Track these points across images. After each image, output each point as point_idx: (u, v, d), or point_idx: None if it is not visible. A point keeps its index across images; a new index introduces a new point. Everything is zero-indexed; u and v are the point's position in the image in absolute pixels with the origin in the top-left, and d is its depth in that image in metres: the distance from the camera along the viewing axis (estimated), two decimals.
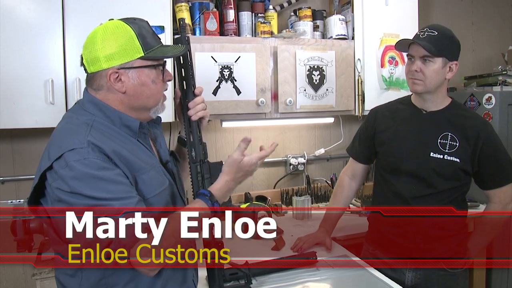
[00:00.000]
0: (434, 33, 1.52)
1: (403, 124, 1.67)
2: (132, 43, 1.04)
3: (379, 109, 1.80)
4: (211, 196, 1.09)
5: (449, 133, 1.57)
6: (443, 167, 1.56)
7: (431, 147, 1.58)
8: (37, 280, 1.65)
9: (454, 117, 1.59)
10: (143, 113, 1.13)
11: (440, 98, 1.61)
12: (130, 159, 1.03)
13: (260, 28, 2.19)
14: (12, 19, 1.70)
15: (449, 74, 1.57)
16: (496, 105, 2.48)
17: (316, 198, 2.57)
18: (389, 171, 1.69)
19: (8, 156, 2.10)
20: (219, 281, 1.23)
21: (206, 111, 1.26)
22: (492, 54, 3.23)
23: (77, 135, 1.00)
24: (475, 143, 1.54)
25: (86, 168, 0.95)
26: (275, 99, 2.19)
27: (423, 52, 1.51)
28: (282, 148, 2.67)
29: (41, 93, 1.75)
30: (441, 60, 1.53)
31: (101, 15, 1.77)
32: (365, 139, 1.80)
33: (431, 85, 1.55)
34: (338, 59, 2.30)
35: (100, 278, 1.03)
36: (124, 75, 1.05)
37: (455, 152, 1.55)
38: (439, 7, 3.09)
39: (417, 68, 1.54)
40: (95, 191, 0.94)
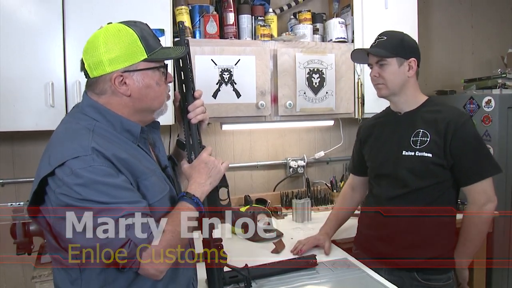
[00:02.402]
0: (383, 38, 1.59)
1: (381, 130, 1.72)
2: (135, 45, 1.04)
3: (364, 123, 1.88)
4: (187, 193, 1.11)
5: (421, 130, 1.57)
6: (415, 164, 1.56)
7: (404, 146, 1.60)
8: (36, 283, 1.64)
9: (427, 114, 1.59)
10: (147, 115, 1.13)
11: (411, 97, 1.62)
12: (132, 164, 1.03)
13: (260, 31, 2.20)
14: (13, 21, 1.71)
15: (410, 72, 1.58)
16: (495, 108, 2.49)
17: (316, 201, 2.56)
18: (372, 177, 1.75)
19: (8, 159, 2.10)
20: (219, 284, 1.23)
21: (205, 114, 1.26)
22: (491, 57, 3.23)
23: (80, 141, 0.98)
24: (445, 135, 1.51)
25: (93, 175, 0.94)
26: (275, 102, 2.20)
27: (376, 57, 1.58)
28: (282, 151, 2.67)
29: (41, 96, 1.75)
30: (396, 60, 1.56)
31: (101, 18, 1.77)
32: (355, 153, 1.88)
33: (393, 86, 1.58)
34: (338, 62, 2.31)
35: (101, 286, 1.02)
36: (129, 78, 1.05)
37: (426, 147, 1.54)
38: (438, 10, 3.10)
39: (376, 73, 1.60)
40: (105, 197, 0.94)
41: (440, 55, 3.13)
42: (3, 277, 2.11)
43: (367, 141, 1.78)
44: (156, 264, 0.99)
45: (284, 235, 2.01)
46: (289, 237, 2.00)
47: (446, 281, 1.56)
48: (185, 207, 1.08)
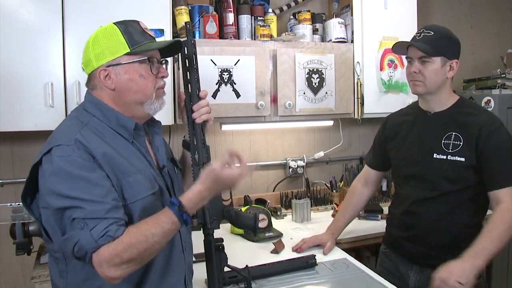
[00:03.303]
0: (430, 33, 1.52)
1: (410, 129, 1.68)
2: (117, 40, 1.09)
3: (390, 116, 1.83)
4: (180, 206, 1.01)
5: (453, 133, 1.54)
6: (446, 168, 1.53)
7: (435, 148, 1.56)
8: (36, 283, 1.64)
9: (459, 116, 1.56)
10: (136, 108, 1.14)
11: (444, 97, 1.59)
12: (117, 161, 1.04)
13: (259, 31, 2.20)
14: (13, 22, 1.71)
15: (450, 73, 1.55)
16: (495, 108, 2.49)
17: (316, 201, 2.56)
18: (399, 176, 1.72)
19: (8, 159, 2.10)
20: (218, 284, 1.23)
21: (210, 114, 1.27)
22: (491, 57, 3.23)
23: (68, 132, 1.03)
24: (477, 140, 1.49)
25: (66, 165, 0.97)
26: (275, 102, 2.20)
27: (420, 53, 1.52)
28: (281, 151, 2.67)
29: (41, 96, 1.75)
30: (440, 60, 1.52)
31: (101, 18, 1.77)
32: (378, 146, 1.84)
33: (432, 86, 1.54)
34: (337, 62, 2.30)
35: (85, 279, 1.04)
36: (113, 72, 1.09)
37: (459, 151, 1.51)
38: (438, 11, 3.11)
39: (416, 69, 1.54)
40: (70, 190, 0.96)
41: None
42: (2, 277, 2.11)
43: (395, 138, 1.73)
44: (106, 269, 0.94)
45: (283, 235, 2.01)
46: (289, 237, 2.00)
47: (478, 279, 1.49)
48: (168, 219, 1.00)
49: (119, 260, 0.94)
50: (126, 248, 0.94)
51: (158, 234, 0.97)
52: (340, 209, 1.94)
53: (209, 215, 1.20)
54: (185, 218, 1.01)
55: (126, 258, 0.95)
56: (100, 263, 0.94)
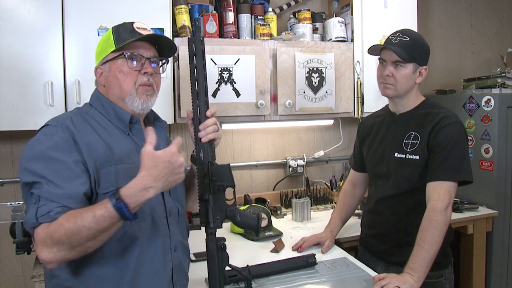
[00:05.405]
0: (406, 39, 1.55)
1: (379, 130, 1.74)
2: (108, 39, 1.17)
3: (363, 119, 1.90)
4: (116, 193, 0.95)
5: (413, 132, 1.59)
6: (404, 167, 1.58)
7: (397, 148, 1.62)
8: (36, 283, 1.64)
9: (419, 116, 1.61)
10: (123, 105, 1.17)
11: (411, 100, 1.64)
12: (101, 151, 1.08)
13: (259, 30, 2.19)
14: (13, 21, 1.70)
15: (419, 79, 1.60)
16: (495, 107, 2.49)
17: (316, 200, 2.57)
18: (370, 175, 1.79)
19: (8, 158, 2.10)
20: (220, 284, 1.23)
21: (218, 133, 1.25)
22: (491, 56, 3.24)
23: (61, 117, 1.11)
24: (429, 136, 1.53)
25: (44, 143, 1.03)
26: (275, 101, 2.20)
27: (395, 57, 1.55)
28: (281, 150, 2.67)
29: (41, 95, 1.75)
30: (412, 66, 1.56)
31: (101, 18, 1.78)
32: (356, 149, 1.90)
33: (402, 89, 1.59)
34: (337, 61, 2.31)
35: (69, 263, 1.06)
36: (103, 70, 1.18)
37: (415, 150, 1.56)
38: (438, 10, 3.11)
39: (389, 72, 1.57)
40: (39, 168, 1.00)
41: (440, 54, 3.13)
42: (2, 276, 2.11)
43: (367, 139, 1.80)
44: (39, 249, 0.97)
45: (283, 234, 2.01)
46: (289, 236, 2.00)
47: (437, 278, 1.58)
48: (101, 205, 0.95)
49: (50, 241, 0.95)
50: (56, 228, 0.95)
51: (88, 217, 0.94)
52: (335, 209, 1.95)
53: (212, 214, 1.20)
54: (119, 206, 0.94)
55: (56, 239, 0.94)
56: (36, 242, 0.98)
